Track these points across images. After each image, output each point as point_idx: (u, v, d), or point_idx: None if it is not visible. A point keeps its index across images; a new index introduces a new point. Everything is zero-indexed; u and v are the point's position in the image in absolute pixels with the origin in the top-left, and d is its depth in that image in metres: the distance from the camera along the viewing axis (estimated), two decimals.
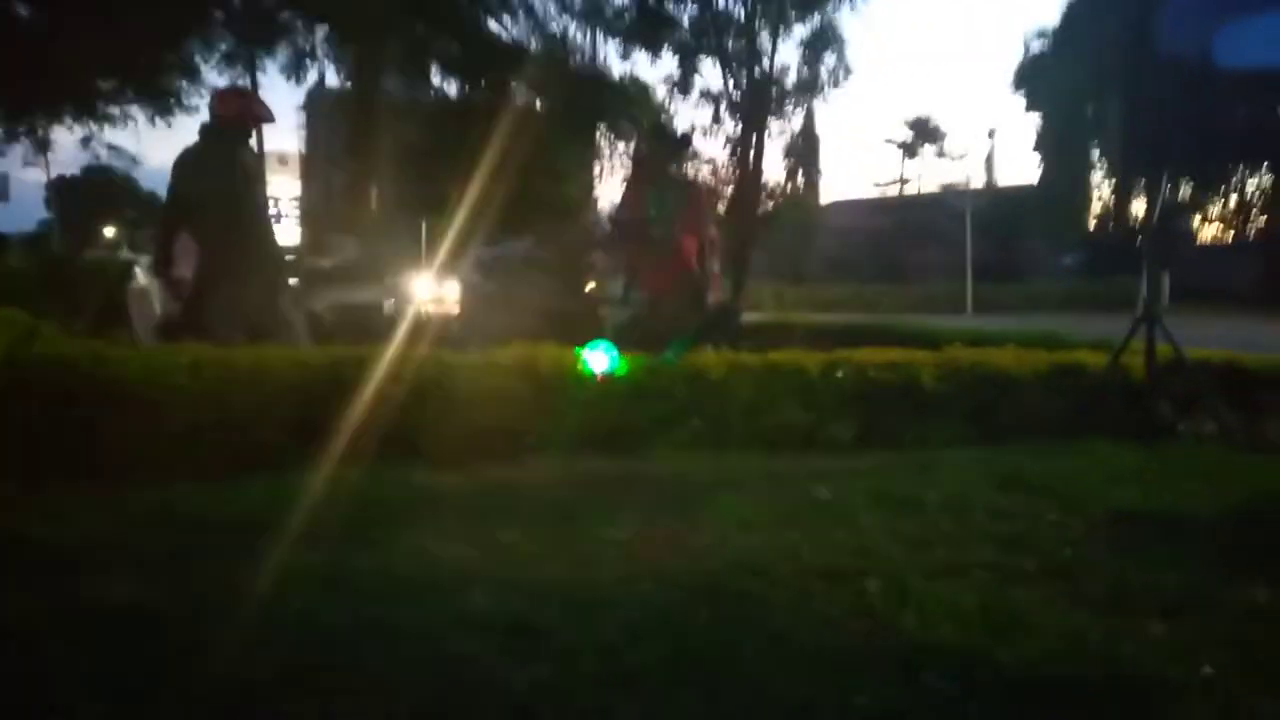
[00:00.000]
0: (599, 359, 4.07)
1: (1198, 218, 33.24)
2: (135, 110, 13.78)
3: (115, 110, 13.66)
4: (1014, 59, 43.29)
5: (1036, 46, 34.84)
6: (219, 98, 5.52)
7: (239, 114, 5.14)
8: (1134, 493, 3.31)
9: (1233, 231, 33.45)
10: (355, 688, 1.73)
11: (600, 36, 14.67)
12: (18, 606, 2.08)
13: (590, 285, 6.07)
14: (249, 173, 5.09)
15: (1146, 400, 4.54)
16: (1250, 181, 32.57)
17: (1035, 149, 35.86)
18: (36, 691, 1.71)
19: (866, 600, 2.19)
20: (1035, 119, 35.74)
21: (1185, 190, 30.68)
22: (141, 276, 5.86)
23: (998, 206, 32.07)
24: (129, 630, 1.97)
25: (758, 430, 4.13)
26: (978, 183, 37.57)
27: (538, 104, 14.35)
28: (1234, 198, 33.24)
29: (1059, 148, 33.84)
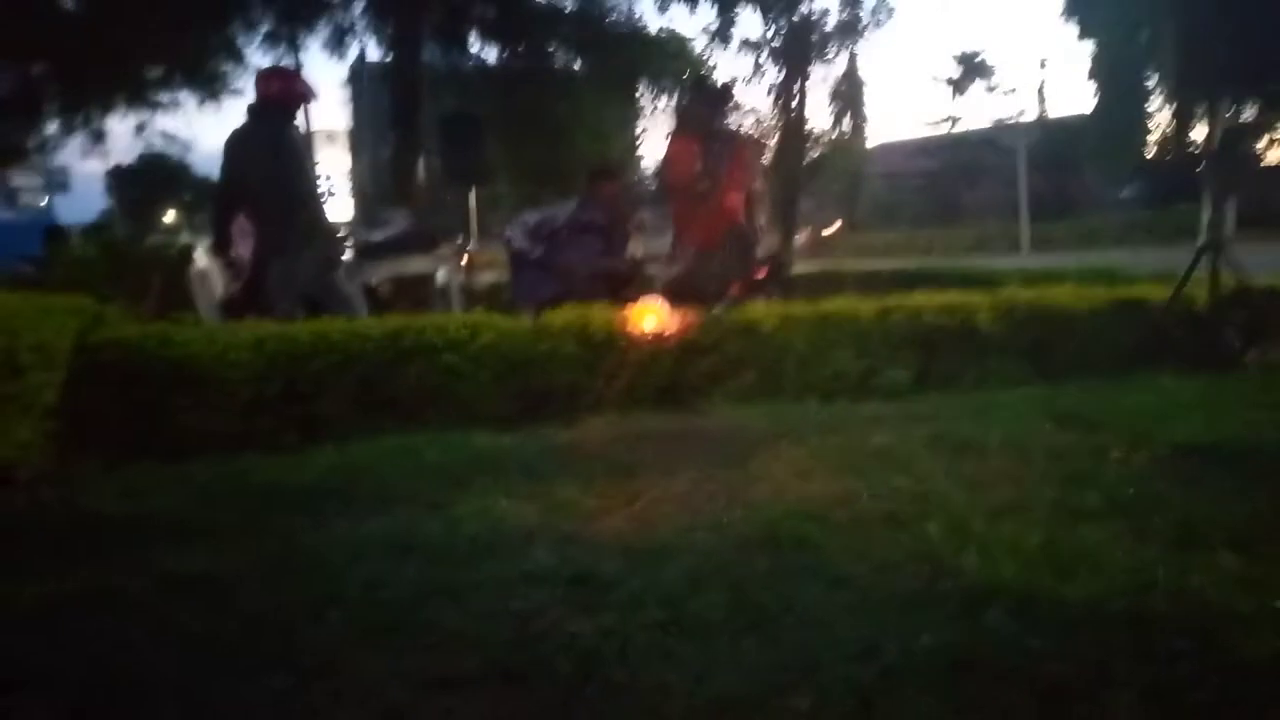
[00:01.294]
0: (649, 317, 4.08)
1: (1265, 140, 31.90)
2: (185, 96, 14.02)
3: (165, 97, 13.91)
4: None
5: None
6: (262, 78, 5.59)
7: (281, 93, 5.20)
8: (1198, 425, 3.24)
9: None
10: (426, 645, 1.79)
11: None
12: (99, 579, 2.18)
13: (637, 244, 6.06)
14: (296, 150, 5.17)
15: (1211, 331, 4.42)
16: None
17: (1090, 78, 34.65)
18: (120, 658, 1.79)
19: (927, 543, 2.19)
20: (1089, 47, 34.52)
21: (1249, 112, 29.47)
22: (202, 258, 6.00)
23: (1051, 140, 31.13)
24: (206, 598, 2.05)
25: (812, 380, 4.12)
26: (1030, 117, 36.54)
27: (577, 65, 14.24)
28: None
29: (1114, 75, 32.51)
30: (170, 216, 36.23)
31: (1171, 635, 1.72)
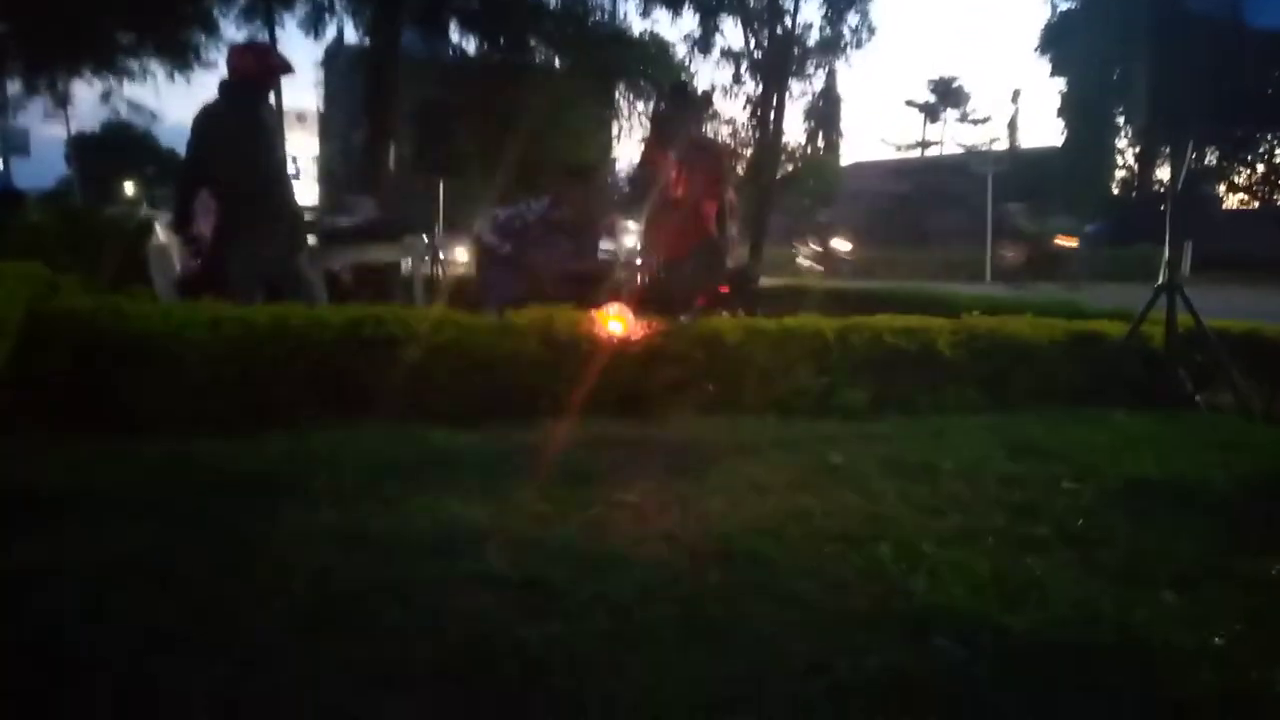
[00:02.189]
0: (615, 322, 4.07)
1: (1223, 185, 32.70)
2: (154, 66, 13.76)
3: (135, 65, 13.65)
4: (1040, 20, 42.51)
5: (1064, 7, 34.18)
6: (235, 53, 5.50)
7: (256, 69, 5.12)
8: (1149, 462, 3.30)
9: (1259, 200, 32.89)
10: (370, 641, 1.76)
11: None
12: (36, 555, 2.12)
13: (607, 247, 6.05)
14: (268, 129, 5.09)
15: (1165, 370, 4.51)
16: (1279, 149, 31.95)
17: (1059, 114, 35.31)
18: (52, 641, 1.74)
19: (878, 564, 2.21)
20: (1060, 83, 35.16)
21: (1211, 157, 30.17)
22: (161, 233, 5.88)
23: (1020, 171, 31.66)
24: (148, 580, 2.00)
25: (773, 395, 4.14)
26: (1001, 146, 37.14)
27: (557, 62, 14.23)
28: (1260, 166, 32.63)
29: (1084, 112, 33.29)
30: (130, 189, 35.56)
31: (1114, 669, 1.75)
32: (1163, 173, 30.30)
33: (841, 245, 25.23)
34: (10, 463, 2.89)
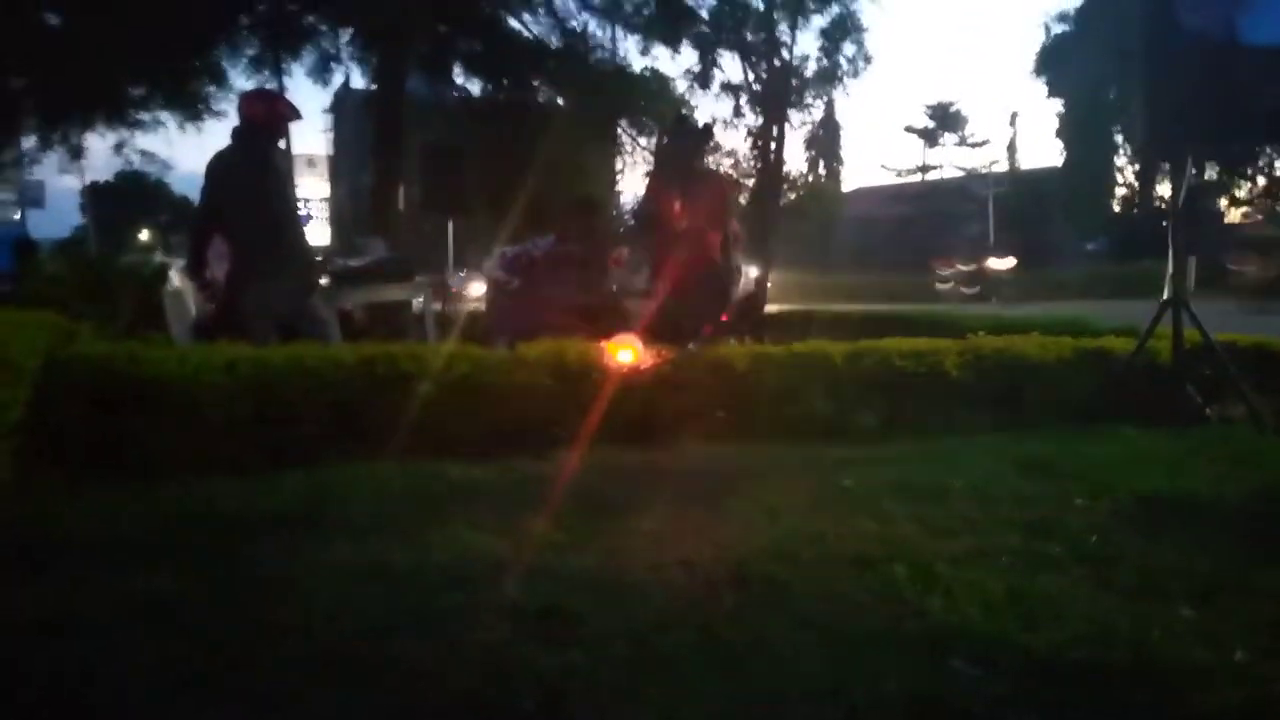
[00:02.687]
0: (625, 353, 4.11)
1: (1225, 200, 32.72)
2: (165, 116, 13.97)
3: (146, 116, 13.85)
4: (1035, 43, 42.84)
5: (1058, 30, 34.50)
6: (246, 100, 5.61)
7: (266, 115, 5.22)
8: (1161, 478, 3.30)
9: (1261, 215, 32.87)
10: (390, 676, 1.78)
11: (620, 32, 14.70)
12: (59, 601, 2.14)
13: (615, 280, 6.11)
14: (280, 173, 5.18)
15: (1173, 385, 4.51)
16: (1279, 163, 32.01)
17: (1058, 135, 35.50)
18: (77, 685, 1.76)
19: (893, 586, 2.21)
20: (1057, 104, 35.40)
21: (1211, 172, 30.25)
22: (176, 279, 5.96)
23: (1020, 192, 31.76)
24: (165, 623, 2.02)
25: (783, 420, 4.16)
26: (1001, 168, 37.26)
27: (559, 100, 14.40)
28: (1261, 179, 32.67)
29: (1082, 132, 33.50)
30: (145, 235, 35.95)
31: (1132, 687, 1.75)
32: (1164, 189, 30.38)
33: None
34: (28, 509, 2.92)
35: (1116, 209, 34.57)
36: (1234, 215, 33.00)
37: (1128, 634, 1.96)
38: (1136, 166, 32.74)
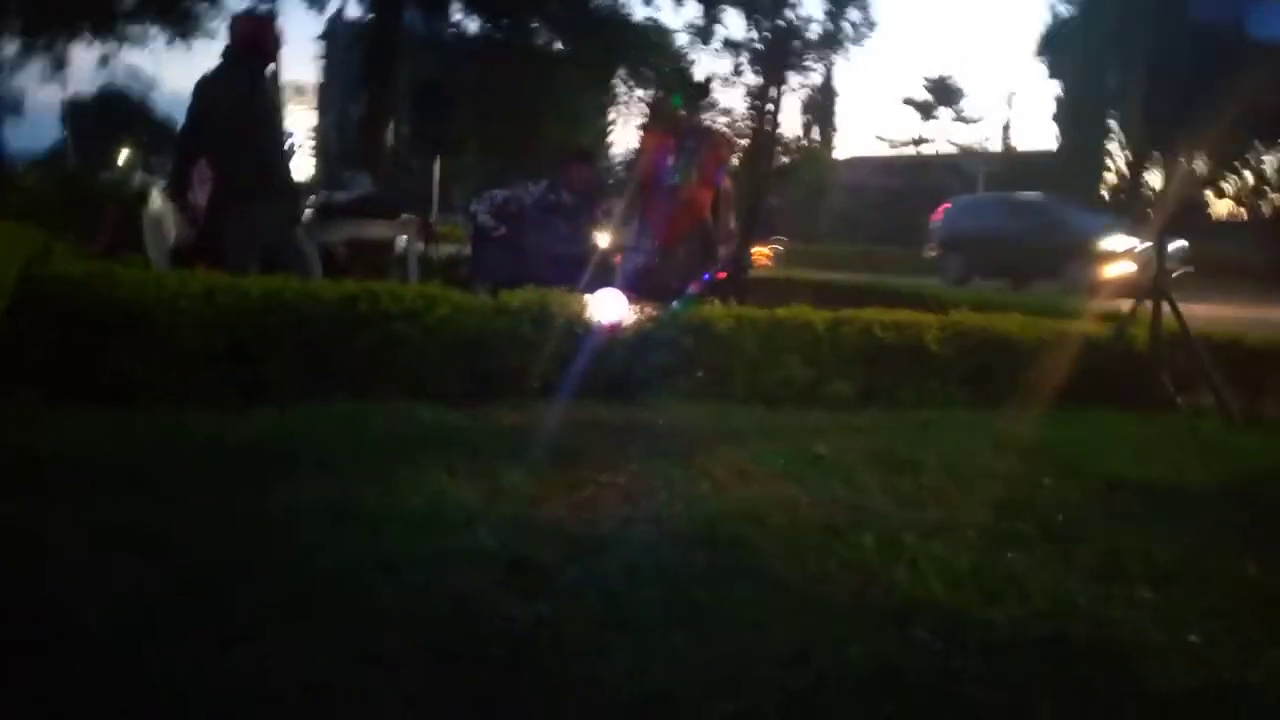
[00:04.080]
0: (608, 306, 4.09)
1: (1212, 193, 32.85)
2: (154, 31, 13.61)
3: (135, 30, 13.49)
4: (1039, 24, 42.63)
5: (1063, 12, 34.26)
6: (237, 21, 5.49)
7: (257, 38, 5.11)
8: (1130, 462, 3.34)
9: (1247, 210, 33.05)
10: (358, 618, 1.78)
11: None
12: (24, 521, 2.13)
13: (603, 232, 6.07)
14: (267, 99, 5.08)
15: (1148, 372, 4.56)
16: (1268, 159, 32.11)
17: (1054, 119, 35.43)
18: (40, 607, 1.75)
19: (861, 555, 2.23)
20: (1056, 86, 35.28)
21: (1201, 165, 30.28)
22: (156, 201, 5.86)
23: (1012, 172, 31.75)
24: (135, 552, 2.00)
25: (761, 384, 4.17)
26: (994, 147, 37.21)
27: (557, 45, 14.16)
28: (1249, 175, 32.78)
29: (1078, 116, 33.45)
30: (125, 154, 35.25)
31: (1090, 665, 1.79)
32: (1153, 178, 30.44)
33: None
34: (1, 426, 2.90)
35: (1105, 196, 34.66)
36: (1219, 208, 33.18)
37: (1088, 612, 1.99)
38: (1128, 155, 32.77)
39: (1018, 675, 1.72)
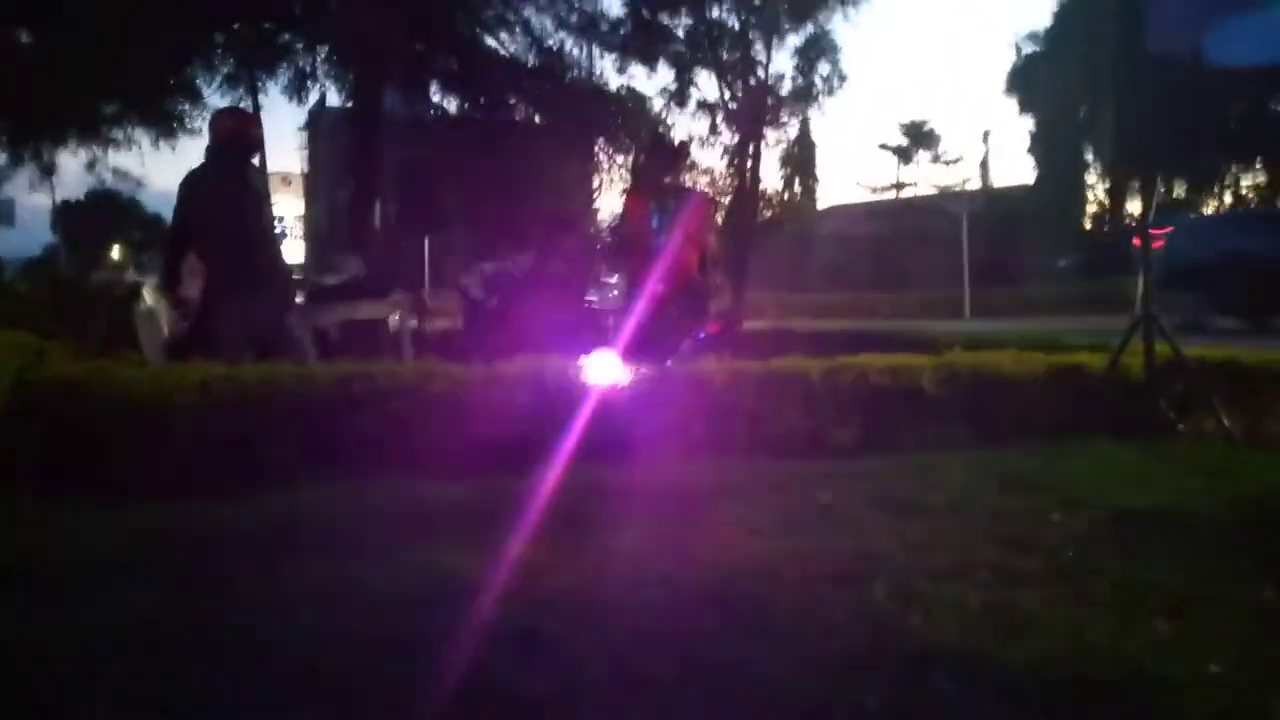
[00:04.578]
0: (602, 369, 4.10)
1: (1192, 216, 33.21)
2: (139, 134, 13.87)
3: (119, 134, 13.75)
4: (1007, 62, 43.50)
5: (1029, 49, 35.05)
6: (217, 117, 5.59)
7: (237, 132, 5.20)
8: (1136, 492, 3.32)
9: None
10: (366, 698, 1.76)
11: (597, 51, 14.76)
12: (27, 625, 2.11)
13: (592, 297, 6.12)
14: (255, 191, 5.15)
15: (1145, 400, 4.56)
16: (1244, 179, 32.57)
17: (1029, 151, 35.99)
18: (50, 712, 1.73)
19: (873, 603, 2.22)
20: (1029, 122, 35.91)
21: (1180, 189, 30.72)
22: (149, 297, 5.90)
23: (994, 209, 32.10)
24: (139, 648, 1.99)
25: (760, 437, 4.16)
26: (974, 185, 37.67)
27: (536, 118, 14.43)
28: (1228, 195, 33.22)
29: (1053, 150, 33.99)
30: (117, 254, 35.59)
31: (1112, 703, 1.76)
32: (1133, 206, 30.83)
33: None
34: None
35: (1088, 226, 35.03)
36: None
37: (1105, 648, 1.97)
38: (1107, 184, 33.23)
39: (1039, 715, 1.69)
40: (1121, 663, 1.90)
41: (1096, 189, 35.00)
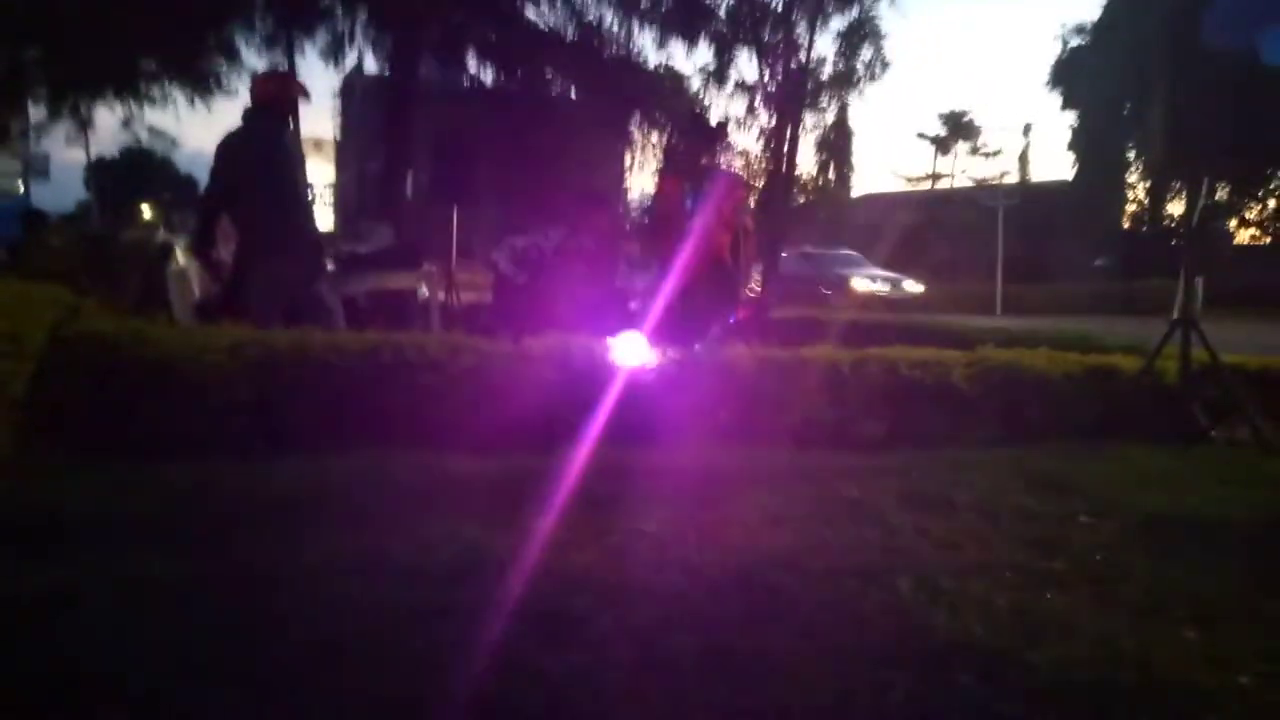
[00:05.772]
0: (631, 350, 4.09)
1: (1235, 221, 32.64)
2: (175, 91, 13.96)
3: (156, 91, 13.85)
4: (1051, 55, 42.83)
5: (1075, 43, 34.44)
6: (257, 81, 5.60)
7: (277, 95, 5.21)
8: (1167, 497, 3.28)
9: (1271, 236, 32.77)
10: (389, 669, 1.76)
11: (636, 25, 14.66)
12: (58, 579, 2.13)
13: (624, 276, 6.10)
14: (290, 155, 5.16)
15: (1180, 405, 4.49)
16: None
17: (1070, 148, 35.44)
18: (75, 663, 1.75)
19: (897, 598, 2.20)
20: (1071, 117, 35.33)
21: (1222, 192, 30.16)
22: (180, 257, 5.95)
23: (1030, 205, 31.65)
24: (166, 605, 2.01)
25: (787, 425, 4.13)
26: (1012, 180, 37.22)
27: (572, 93, 14.37)
28: (1272, 202, 32.57)
29: (1094, 146, 33.41)
30: (148, 212, 35.94)
31: (1135, 708, 1.74)
32: (1174, 207, 30.33)
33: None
34: (29, 486, 2.91)
35: (1126, 225, 34.48)
36: (1242, 236, 32.93)
37: (1133, 654, 1.94)
38: (1148, 184, 32.67)
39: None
40: (1148, 670, 1.88)
41: (1137, 188, 34.42)
